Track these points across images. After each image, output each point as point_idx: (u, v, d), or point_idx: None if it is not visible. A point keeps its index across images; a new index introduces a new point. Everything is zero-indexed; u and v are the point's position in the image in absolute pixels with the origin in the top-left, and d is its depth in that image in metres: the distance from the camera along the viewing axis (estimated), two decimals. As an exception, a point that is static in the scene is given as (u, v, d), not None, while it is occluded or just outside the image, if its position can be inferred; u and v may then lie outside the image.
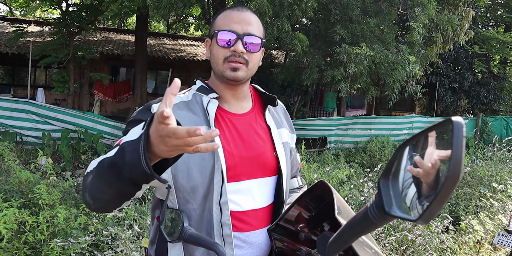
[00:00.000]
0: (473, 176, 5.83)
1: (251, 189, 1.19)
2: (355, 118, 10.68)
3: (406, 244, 3.42)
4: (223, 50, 1.18)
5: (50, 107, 8.28)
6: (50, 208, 3.92)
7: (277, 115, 1.36)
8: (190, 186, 1.13)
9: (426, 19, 7.28)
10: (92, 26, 10.53)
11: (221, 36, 1.17)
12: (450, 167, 0.44)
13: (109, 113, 13.13)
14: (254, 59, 1.21)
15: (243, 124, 1.24)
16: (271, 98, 1.32)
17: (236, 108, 1.27)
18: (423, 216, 0.45)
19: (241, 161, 1.18)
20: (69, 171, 6.94)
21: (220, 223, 1.14)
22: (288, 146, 1.33)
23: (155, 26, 21.54)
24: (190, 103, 1.21)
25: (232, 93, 1.25)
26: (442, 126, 0.48)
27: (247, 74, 1.21)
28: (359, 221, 0.56)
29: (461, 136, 0.44)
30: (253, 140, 1.23)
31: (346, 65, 7.00)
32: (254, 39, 1.18)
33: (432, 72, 11.85)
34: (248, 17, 1.20)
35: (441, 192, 0.44)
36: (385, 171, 0.54)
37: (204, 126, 1.16)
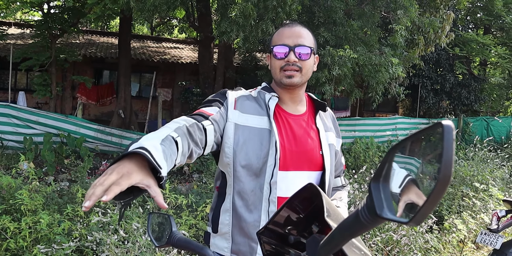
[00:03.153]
0: (456, 176, 5.92)
1: (296, 179, 1.37)
2: (339, 119, 10.75)
3: (392, 245, 3.45)
4: (279, 62, 1.39)
5: (32, 111, 8.14)
6: (33, 213, 3.84)
7: (326, 120, 1.55)
8: (245, 163, 1.33)
9: (408, 22, 7.38)
10: (74, 29, 10.40)
11: (277, 50, 1.39)
12: (441, 170, 0.44)
13: (92, 117, 12.98)
14: (306, 65, 1.40)
15: (297, 123, 1.44)
16: (322, 105, 1.51)
17: (292, 110, 1.46)
18: (415, 218, 0.46)
19: (290, 154, 1.37)
20: (51, 176, 6.82)
21: (268, 200, 1.33)
22: (334, 148, 1.52)
23: (138, 28, 21.38)
24: (256, 98, 1.44)
25: (289, 96, 1.45)
26: (432, 129, 0.49)
27: (302, 79, 1.40)
28: (350, 224, 0.56)
29: (451, 139, 0.44)
30: (303, 138, 1.42)
31: (330, 67, 7.05)
32: (304, 49, 1.37)
33: (415, 74, 12.02)
34: (298, 31, 1.40)
35: (433, 194, 0.45)
36: (375, 174, 0.54)
37: (266, 116, 1.38)
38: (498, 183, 5.73)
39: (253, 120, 1.36)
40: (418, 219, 0.46)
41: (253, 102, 1.42)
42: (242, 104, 1.39)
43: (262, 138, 1.34)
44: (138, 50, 13.78)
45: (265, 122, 1.37)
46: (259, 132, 1.35)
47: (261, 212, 1.33)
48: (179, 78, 14.10)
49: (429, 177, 0.51)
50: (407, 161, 0.56)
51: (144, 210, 4.09)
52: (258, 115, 1.38)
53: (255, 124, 1.36)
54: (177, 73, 14.13)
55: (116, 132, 8.62)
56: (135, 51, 13.21)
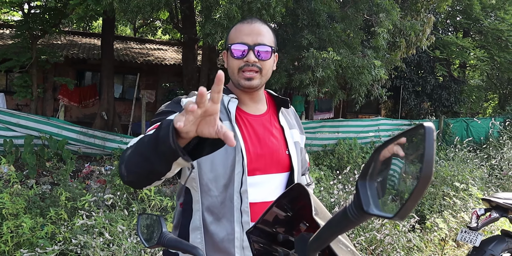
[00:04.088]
0: (437, 176, 6.03)
1: (265, 183, 1.31)
2: (323, 121, 10.82)
3: (375, 244, 3.50)
4: (237, 61, 1.29)
5: (12, 113, 8.00)
6: (14, 217, 3.79)
7: (289, 117, 1.48)
8: (213, 175, 1.24)
9: (390, 25, 7.50)
10: (56, 29, 10.25)
11: (234, 48, 1.28)
12: (423, 168, 0.47)
13: (75, 119, 12.83)
14: (266, 66, 1.32)
15: (259, 124, 1.36)
16: (284, 101, 1.44)
17: (253, 110, 1.38)
18: (399, 214, 0.49)
19: (256, 157, 1.29)
20: (33, 179, 6.72)
21: (240, 210, 1.25)
22: (299, 145, 1.45)
23: (121, 29, 21.20)
24: None
25: (248, 96, 1.37)
26: (414, 131, 0.52)
27: (261, 81, 1.32)
28: (338, 220, 0.59)
29: (432, 140, 0.47)
30: (267, 138, 1.34)
31: (314, 69, 7.11)
32: (265, 48, 1.29)
33: (397, 76, 12.18)
34: (258, 28, 1.31)
35: (415, 191, 0.48)
36: (362, 173, 0.57)
37: (227, 121, 1.28)
38: (478, 183, 5.87)
39: None
40: (402, 214, 0.49)
41: None
42: None
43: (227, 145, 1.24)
44: (121, 51, 13.67)
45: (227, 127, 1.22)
46: None
47: (234, 224, 1.25)
48: (163, 79, 14.03)
49: (412, 176, 0.54)
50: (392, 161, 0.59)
51: (129, 213, 4.07)
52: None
53: None
54: (160, 75, 14.06)
55: (99, 134, 8.53)
56: (118, 53, 13.10)
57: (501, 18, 12.40)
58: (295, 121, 1.51)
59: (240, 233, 1.24)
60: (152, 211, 4.09)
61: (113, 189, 5.51)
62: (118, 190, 5.23)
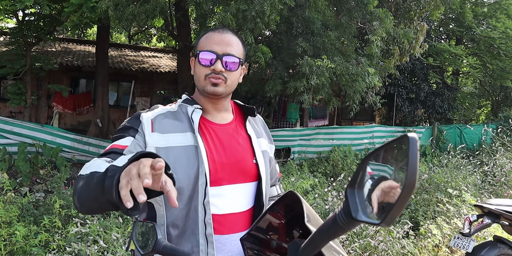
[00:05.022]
0: (431, 182, 6.06)
1: (232, 194, 1.28)
2: (317, 128, 10.86)
3: (370, 250, 3.52)
4: (204, 69, 1.29)
5: (6, 120, 7.97)
6: (8, 225, 3.77)
7: (256, 126, 1.46)
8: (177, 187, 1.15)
9: (384, 33, 7.57)
10: (50, 37, 10.25)
11: (203, 56, 1.28)
12: (407, 176, 0.50)
13: (69, 126, 12.79)
14: (232, 77, 1.32)
15: (225, 133, 1.34)
16: (250, 109, 1.43)
17: (218, 119, 1.37)
18: (386, 220, 0.51)
19: (222, 167, 1.27)
20: (26, 187, 6.68)
21: (204, 222, 1.21)
22: (267, 154, 1.43)
23: (116, 37, 21.23)
24: (176, 113, 1.32)
25: (213, 106, 1.36)
26: (399, 140, 0.54)
27: (226, 90, 1.32)
28: (329, 227, 0.61)
29: (415, 150, 0.50)
30: (233, 148, 1.32)
31: (308, 76, 7.15)
32: (233, 59, 1.29)
33: (391, 83, 12.27)
34: (228, 38, 1.31)
35: (400, 199, 0.50)
36: (351, 181, 0.59)
37: (189, 132, 1.26)
38: (471, 189, 5.91)
39: (175, 139, 1.25)
40: (388, 220, 0.51)
41: (172, 119, 1.30)
42: (160, 124, 1.27)
43: (189, 156, 1.23)
44: (116, 59, 13.67)
45: (189, 138, 1.26)
46: (184, 150, 1.24)
47: (198, 236, 1.22)
48: (158, 87, 14.03)
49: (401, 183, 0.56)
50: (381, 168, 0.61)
51: (124, 220, 4.06)
52: (180, 132, 1.27)
53: (178, 142, 1.25)
54: (155, 82, 14.06)
55: (93, 141, 8.52)
56: (112, 60, 13.10)
57: (493, 26, 12.56)
58: (263, 130, 1.50)
59: (204, 245, 1.21)
60: (147, 219, 4.07)
61: (108, 197, 5.49)
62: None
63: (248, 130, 1.39)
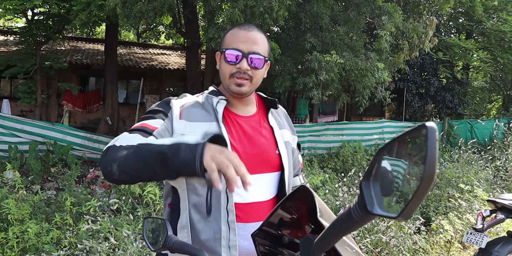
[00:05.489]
0: (442, 178, 6.01)
1: (255, 183, 1.28)
2: (327, 124, 10.82)
3: (381, 246, 3.49)
4: (229, 67, 1.32)
5: (17, 119, 8.05)
6: (20, 223, 3.81)
7: (279, 118, 1.49)
8: None
9: (393, 27, 7.50)
10: (59, 35, 10.32)
11: (228, 54, 1.31)
12: (426, 168, 0.48)
13: (79, 124, 12.87)
14: (258, 75, 1.34)
15: (248, 125, 1.38)
16: (272, 102, 1.46)
17: (242, 111, 1.41)
18: (403, 213, 0.49)
19: (245, 157, 1.29)
20: (38, 185, 6.75)
21: (226, 209, 1.25)
22: (290, 145, 1.46)
23: (125, 35, 21.31)
24: (203, 104, 1.36)
25: (238, 100, 1.40)
26: (417, 131, 0.52)
27: (251, 88, 1.35)
28: (343, 221, 0.59)
29: (434, 140, 0.48)
30: (257, 139, 1.36)
31: (317, 72, 7.11)
32: (258, 57, 1.31)
33: (400, 78, 12.17)
34: (254, 36, 1.33)
35: (419, 191, 0.48)
36: (366, 174, 0.58)
37: (214, 122, 1.31)
38: (483, 184, 5.84)
39: (201, 127, 1.29)
40: (406, 214, 0.49)
41: (200, 109, 1.34)
42: (188, 112, 1.32)
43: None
44: (125, 57, 13.73)
45: (214, 128, 1.30)
46: None
47: (220, 223, 1.25)
48: (167, 84, 14.07)
49: (415, 177, 0.54)
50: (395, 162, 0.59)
51: (134, 217, 4.08)
52: (205, 122, 1.31)
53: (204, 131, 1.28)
54: (164, 80, 14.10)
55: (103, 139, 8.56)
56: (121, 58, 13.16)
57: (504, 19, 12.39)
58: (286, 122, 1.53)
59: (226, 232, 1.24)
60: (158, 215, 4.09)
61: (118, 194, 5.52)
62: (123, 195, 5.24)
63: (270, 122, 1.43)
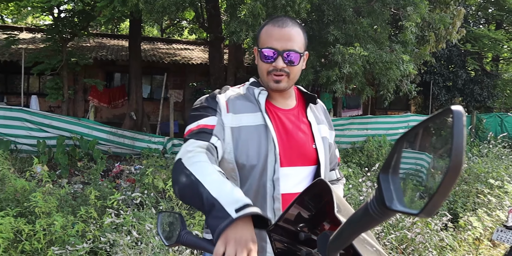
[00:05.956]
0: (470, 173, 5.84)
1: (291, 175, 1.34)
2: (351, 118, 10.69)
3: (406, 243, 3.41)
4: (266, 65, 1.35)
5: (45, 114, 8.23)
6: (47, 216, 3.88)
7: (317, 113, 1.52)
8: (249, 165, 1.30)
9: (419, 18, 7.30)
10: (85, 32, 10.49)
11: (264, 53, 1.34)
12: (451, 158, 0.42)
13: (105, 119, 13.08)
14: (294, 70, 1.36)
15: (288, 118, 1.41)
16: (312, 97, 1.49)
17: (282, 104, 1.43)
18: (426, 209, 0.44)
19: (283, 150, 1.34)
20: (65, 179, 6.89)
21: (272, 197, 1.30)
22: (327, 141, 1.48)
23: (148, 30, 21.51)
24: (246, 95, 1.41)
25: (278, 93, 1.43)
26: (441, 116, 0.47)
27: (289, 84, 1.38)
28: (359, 218, 0.55)
29: (461, 126, 0.42)
30: (295, 132, 1.38)
31: (340, 65, 7.00)
32: (293, 54, 1.33)
33: (426, 71, 11.90)
34: (288, 32, 1.33)
35: (443, 183, 0.43)
36: (384, 165, 0.52)
37: (258, 112, 1.35)
38: (514, 180, 5.64)
39: (247, 118, 1.34)
40: (429, 210, 0.44)
41: (243, 100, 1.39)
42: (233, 105, 1.36)
43: (260, 135, 1.32)
44: (149, 52, 13.84)
45: (259, 118, 1.34)
46: (256, 129, 1.33)
47: (266, 211, 1.30)
48: (190, 79, 14.14)
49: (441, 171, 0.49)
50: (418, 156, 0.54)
51: (157, 211, 4.11)
52: (251, 113, 1.35)
53: (250, 122, 1.34)
54: (188, 74, 14.17)
55: (128, 134, 8.68)
56: (145, 53, 13.27)
57: (537, 8, 11.92)
58: (324, 117, 1.54)
59: (272, 220, 1.25)
60: (180, 210, 4.11)
61: (142, 188, 5.58)
62: (147, 189, 5.29)
63: (308, 117, 1.45)
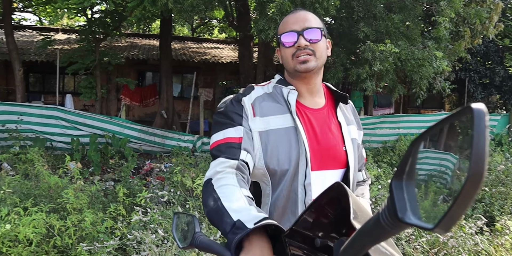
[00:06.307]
0: (508, 174, 5.59)
1: (321, 179, 1.29)
2: (382, 117, 10.48)
3: (438, 246, 3.29)
4: (289, 49, 1.30)
5: (78, 113, 8.44)
6: (78, 212, 3.96)
7: (347, 113, 1.45)
8: (280, 170, 1.25)
9: (453, 13, 7.05)
10: (117, 32, 10.70)
11: (284, 38, 1.31)
12: (471, 165, 0.36)
13: (136, 118, 13.31)
14: (319, 48, 1.30)
15: (317, 118, 1.34)
16: (342, 96, 1.42)
17: (311, 103, 1.36)
18: (441, 224, 0.38)
19: (314, 152, 1.28)
20: (98, 176, 7.04)
21: (304, 202, 1.26)
22: (356, 142, 1.43)
23: (179, 30, 21.75)
24: (273, 94, 1.34)
25: (306, 87, 1.35)
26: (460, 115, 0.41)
27: (317, 63, 1.30)
28: (371, 228, 0.49)
29: (483, 126, 0.36)
30: (325, 134, 1.33)
31: (371, 62, 6.86)
32: (313, 31, 1.29)
33: (461, 68, 11.52)
34: (304, 15, 1.32)
35: (462, 194, 0.37)
36: (398, 171, 0.47)
37: (287, 114, 1.29)
38: (556, 182, 5.37)
39: (275, 121, 1.28)
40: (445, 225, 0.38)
41: (271, 101, 1.32)
42: (260, 107, 1.30)
43: (290, 137, 1.26)
44: (179, 51, 13.98)
45: (288, 120, 1.28)
46: (285, 132, 1.27)
47: (297, 215, 1.24)
48: (220, 78, 14.21)
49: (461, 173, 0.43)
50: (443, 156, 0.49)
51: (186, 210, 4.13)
52: (279, 114, 1.29)
53: (278, 124, 1.28)
54: (218, 73, 14.25)
55: (158, 132, 8.79)
56: (176, 52, 13.41)
57: None
58: (353, 117, 1.49)
59: None
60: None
61: (171, 186, 5.63)
62: (176, 187, 5.33)
63: (339, 117, 1.39)
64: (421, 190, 0.45)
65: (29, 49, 12.10)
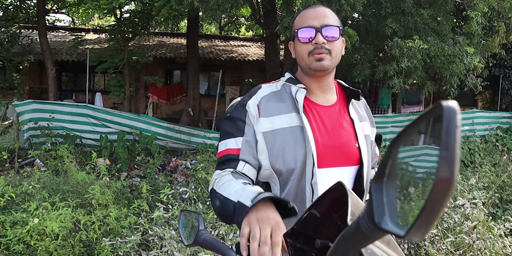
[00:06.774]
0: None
1: (333, 176, 1.27)
2: (411, 114, 10.26)
3: (464, 248, 3.19)
4: (306, 46, 1.28)
5: (107, 111, 8.62)
6: (104, 207, 4.05)
7: (359, 109, 1.43)
8: (286, 169, 1.24)
9: (486, 7, 6.80)
10: (145, 31, 10.86)
11: (301, 33, 1.28)
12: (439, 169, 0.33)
13: (164, 115, 13.50)
14: (336, 47, 1.29)
15: (329, 115, 1.32)
16: (355, 92, 1.39)
17: (322, 100, 1.35)
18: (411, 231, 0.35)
19: (325, 149, 1.26)
20: (125, 172, 7.17)
21: (312, 202, 1.23)
22: (369, 138, 1.41)
23: (206, 28, 21.91)
24: (280, 93, 1.33)
25: (318, 85, 1.34)
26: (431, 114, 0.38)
27: (332, 62, 1.29)
28: (352, 233, 0.46)
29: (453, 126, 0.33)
30: (337, 130, 1.31)
31: (398, 59, 6.70)
32: (332, 29, 1.27)
33: (495, 64, 11.12)
34: (323, 11, 1.30)
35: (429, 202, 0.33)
36: (377, 173, 0.44)
37: (294, 112, 1.27)
38: None
39: (281, 120, 1.27)
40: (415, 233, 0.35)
41: (276, 101, 1.30)
42: (265, 107, 1.29)
43: (296, 137, 1.25)
44: (206, 49, 14.08)
45: (294, 119, 1.26)
46: (291, 131, 1.25)
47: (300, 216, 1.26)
48: (247, 75, 14.23)
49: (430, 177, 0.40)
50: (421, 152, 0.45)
51: (208, 206, 4.15)
52: (285, 114, 1.27)
53: (284, 124, 1.26)
54: (244, 71, 14.27)
55: (185, 129, 8.88)
56: (203, 51, 13.51)
57: None
58: (366, 113, 1.46)
59: None
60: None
61: (196, 183, 5.67)
62: (200, 184, 5.37)
63: (351, 114, 1.37)
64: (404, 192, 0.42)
65: (61, 49, 12.46)
